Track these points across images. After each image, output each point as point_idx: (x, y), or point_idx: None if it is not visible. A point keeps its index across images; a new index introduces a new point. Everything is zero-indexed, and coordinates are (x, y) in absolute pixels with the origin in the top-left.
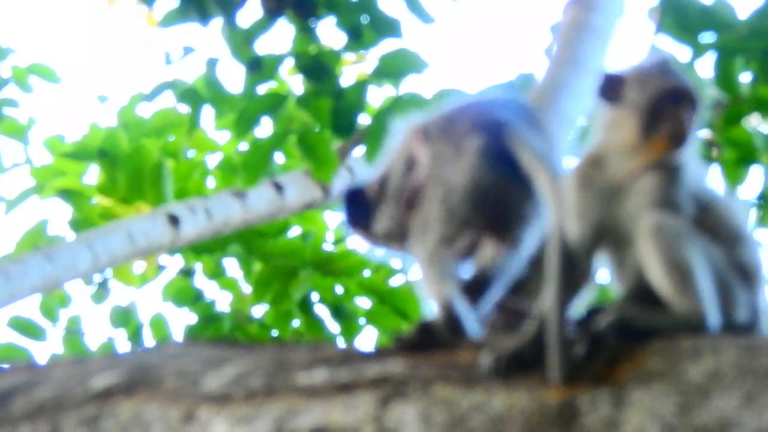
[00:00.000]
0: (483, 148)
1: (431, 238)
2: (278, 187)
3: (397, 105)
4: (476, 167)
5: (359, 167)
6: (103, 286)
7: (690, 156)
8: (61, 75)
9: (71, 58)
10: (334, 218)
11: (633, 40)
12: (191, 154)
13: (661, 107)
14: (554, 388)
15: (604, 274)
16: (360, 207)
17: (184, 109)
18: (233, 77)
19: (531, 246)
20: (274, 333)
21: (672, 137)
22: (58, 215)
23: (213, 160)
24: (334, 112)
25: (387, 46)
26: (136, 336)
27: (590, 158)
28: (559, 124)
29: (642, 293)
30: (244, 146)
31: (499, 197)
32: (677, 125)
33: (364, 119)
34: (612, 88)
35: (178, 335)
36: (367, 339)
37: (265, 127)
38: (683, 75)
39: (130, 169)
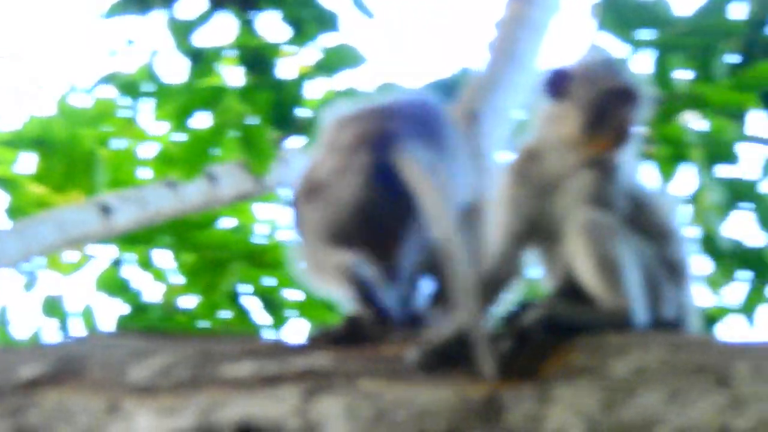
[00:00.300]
0: (370, 166)
1: (311, 243)
2: (211, 178)
3: (337, 99)
4: (360, 186)
5: (295, 159)
6: (32, 275)
7: (627, 153)
8: None
9: (10, 47)
10: (266, 210)
11: (571, 36)
12: (125, 144)
13: (607, 106)
14: (479, 383)
15: (534, 269)
16: None
17: (122, 99)
18: (174, 69)
19: (408, 265)
20: (203, 324)
21: (615, 137)
22: None
23: (148, 151)
24: (273, 105)
25: (327, 40)
26: (65, 326)
27: (527, 152)
28: (494, 119)
29: (571, 289)
30: (179, 137)
31: (381, 218)
32: (621, 125)
33: (302, 112)
34: (557, 83)
35: (107, 325)
36: (297, 331)
37: (201, 119)
38: (629, 74)
39: (65, 158)
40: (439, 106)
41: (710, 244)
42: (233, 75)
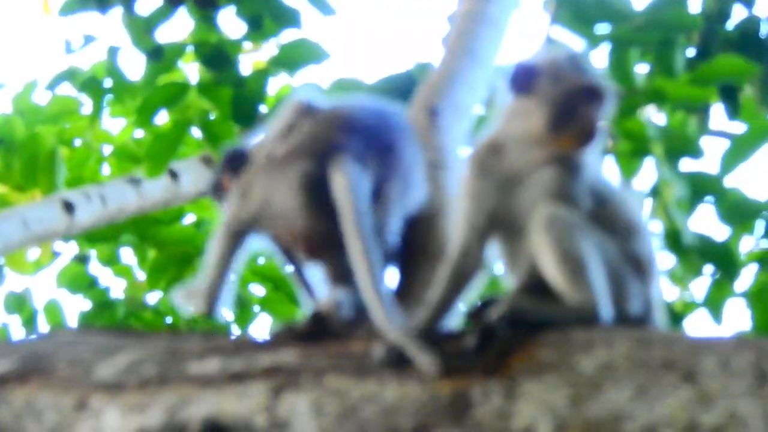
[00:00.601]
0: (305, 177)
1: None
2: (173, 175)
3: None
4: (294, 196)
5: None
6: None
7: (591, 151)
8: None
9: None
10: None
11: (527, 32)
12: (85, 141)
13: (573, 104)
14: (447, 379)
15: (497, 264)
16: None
17: (81, 96)
18: (133, 66)
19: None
20: (169, 320)
21: (581, 135)
22: None
23: (107, 147)
24: (234, 101)
25: (287, 36)
26: (30, 322)
27: (489, 145)
28: (453, 115)
29: (535, 285)
30: (139, 134)
31: (317, 225)
32: (587, 124)
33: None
34: (523, 77)
35: (72, 322)
36: (262, 327)
37: (163, 116)
38: (595, 72)
39: (25, 157)
40: (399, 116)
41: (674, 239)
42: (195, 71)
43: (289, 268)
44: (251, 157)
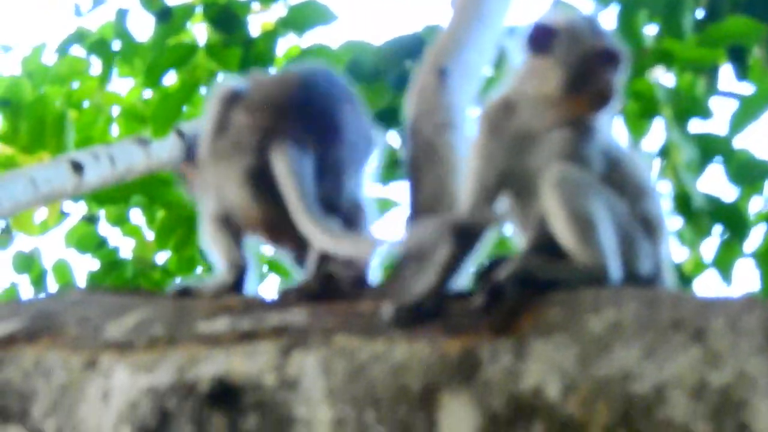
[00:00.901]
0: (248, 171)
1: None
2: (181, 135)
3: (304, 56)
4: (242, 191)
5: None
6: (6, 232)
7: (605, 115)
8: None
9: None
10: None
11: None
12: (94, 102)
13: (590, 67)
14: (455, 338)
15: (506, 224)
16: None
17: (90, 57)
18: (142, 27)
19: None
20: (178, 280)
21: (596, 98)
22: None
23: (116, 109)
24: (243, 63)
25: None
26: (39, 282)
27: (502, 104)
28: (462, 76)
29: (545, 245)
30: (148, 94)
31: (267, 213)
32: (603, 87)
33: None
34: (541, 37)
35: (81, 282)
36: (270, 287)
37: (172, 77)
38: (613, 36)
39: (33, 118)
40: (330, 79)
41: (682, 200)
42: (204, 33)
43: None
44: (197, 150)
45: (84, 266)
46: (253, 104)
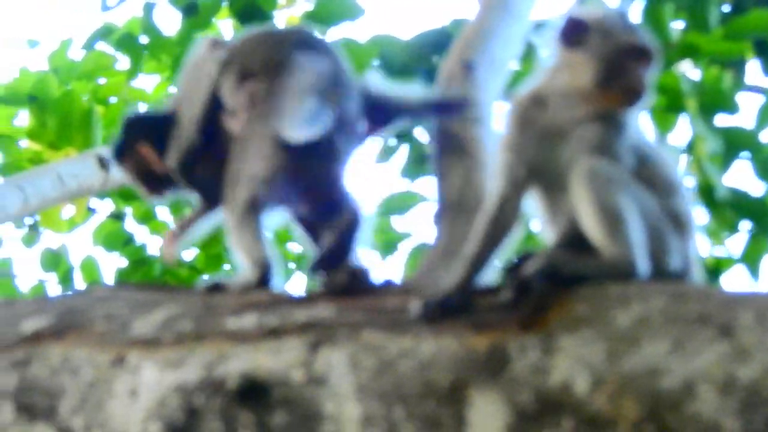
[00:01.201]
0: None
1: (240, 200)
2: None
3: None
4: (274, 159)
5: None
6: (33, 228)
7: (635, 110)
8: None
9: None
10: None
11: None
12: (121, 97)
13: (622, 62)
14: (483, 334)
15: (533, 218)
16: (144, 135)
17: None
18: (169, 22)
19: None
20: (205, 277)
21: (628, 93)
22: None
23: (142, 104)
24: None
25: None
26: (66, 279)
27: (532, 98)
28: (488, 69)
29: (574, 239)
30: (174, 89)
31: (301, 180)
32: (635, 83)
33: None
34: (573, 31)
35: (108, 279)
36: (296, 283)
37: None
38: (644, 32)
39: (60, 114)
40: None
41: (708, 194)
42: (230, 27)
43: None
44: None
45: (111, 263)
46: (267, 70)
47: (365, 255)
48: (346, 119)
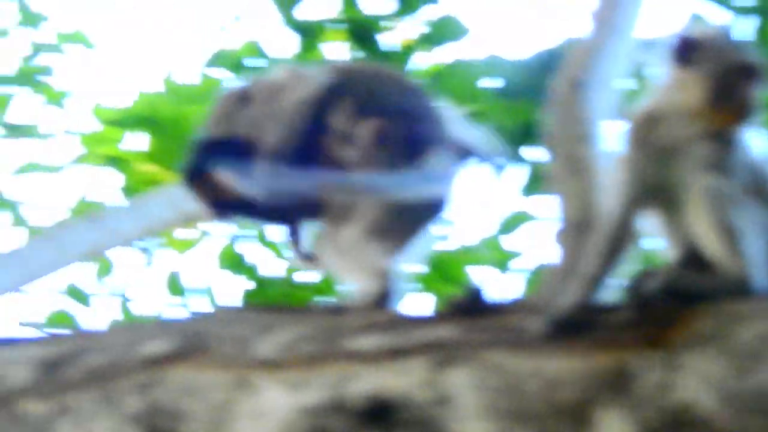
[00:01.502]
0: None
1: (364, 221)
2: None
3: (446, 71)
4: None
5: None
6: (148, 251)
7: (747, 127)
8: (102, 42)
9: (113, 25)
10: None
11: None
12: None
13: (733, 81)
14: (606, 351)
15: (654, 237)
16: (217, 160)
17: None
18: (280, 45)
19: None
20: (324, 298)
21: (739, 111)
22: (105, 182)
23: None
24: None
25: (428, 12)
26: (186, 302)
27: (647, 117)
28: (597, 87)
29: (693, 257)
30: None
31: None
32: (746, 100)
33: None
34: (685, 49)
35: (228, 301)
36: (417, 304)
37: None
38: (753, 50)
39: (175, 137)
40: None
41: None
42: (334, 49)
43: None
44: None
45: (232, 286)
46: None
47: (485, 274)
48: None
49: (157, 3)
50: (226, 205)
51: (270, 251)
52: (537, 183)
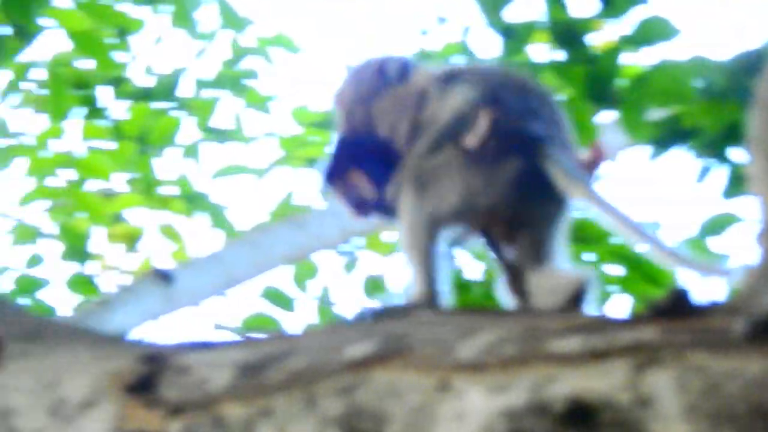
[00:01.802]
0: (518, 173)
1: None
2: None
3: (653, 72)
4: (506, 190)
5: (608, 133)
6: (351, 255)
7: None
8: (305, 45)
9: (315, 27)
10: None
11: None
12: None
13: None
14: None
15: None
16: (357, 161)
17: None
18: (485, 47)
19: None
20: None
21: None
22: (306, 185)
23: None
24: (588, 80)
25: (636, 13)
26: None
27: None
28: None
29: None
30: None
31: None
32: None
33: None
34: None
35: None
36: (617, 306)
37: None
38: None
39: None
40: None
41: None
42: (538, 51)
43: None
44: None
45: None
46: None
47: (687, 275)
48: None
49: (360, 6)
50: (365, 204)
51: (469, 254)
52: (739, 185)
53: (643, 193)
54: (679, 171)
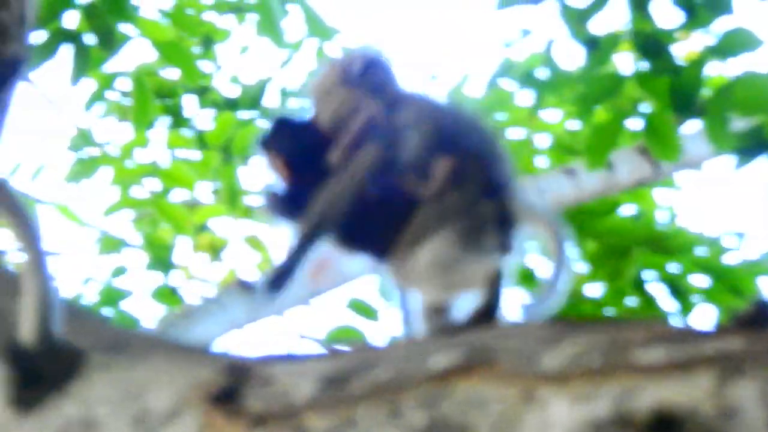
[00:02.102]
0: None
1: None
2: (609, 165)
3: (737, 83)
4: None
5: (692, 143)
6: None
7: None
8: (389, 55)
9: (400, 38)
10: (664, 195)
11: None
12: (523, 133)
13: None
14: None
15: None
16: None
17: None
18: (569, 58)
19: None
20: (609, 311)
21: None
22: None
23: (539, 139)
24: (673, 91)
25: (719, 24)
26: None
27: None
28: None
29: None
30: (572, 125)
31: None
32: None
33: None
34: None
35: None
36: (701, 317)
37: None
38: None
39: None
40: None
41: None
42: (623, 61)
43: None
44: None
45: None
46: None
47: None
48: None
49: (445, 17)
50: (275, 195)
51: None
52: None
53: (728, 203)
54: (763, 181)
